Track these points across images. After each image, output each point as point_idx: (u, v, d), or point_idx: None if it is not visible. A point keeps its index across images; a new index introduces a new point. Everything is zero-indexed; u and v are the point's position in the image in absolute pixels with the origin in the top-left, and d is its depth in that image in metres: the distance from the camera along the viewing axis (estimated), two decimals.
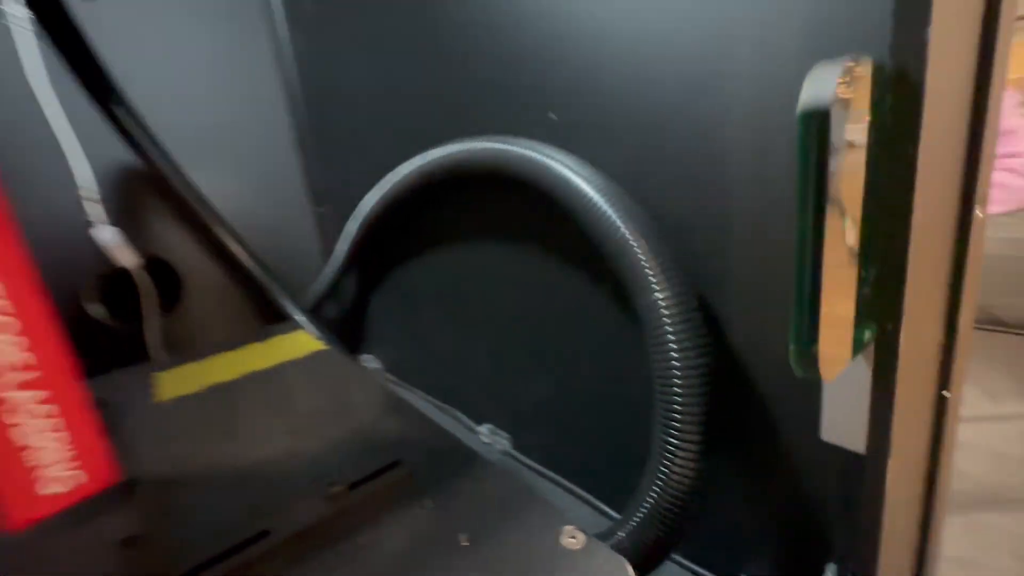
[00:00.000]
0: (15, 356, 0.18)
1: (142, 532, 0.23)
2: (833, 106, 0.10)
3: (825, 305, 0.11)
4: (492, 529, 0.21)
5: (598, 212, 0.28)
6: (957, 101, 0.14)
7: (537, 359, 0.44)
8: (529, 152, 0.33)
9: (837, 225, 0.11)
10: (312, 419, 0.33)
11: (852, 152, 0.11)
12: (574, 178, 0.30)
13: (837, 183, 0.11)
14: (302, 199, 0.74)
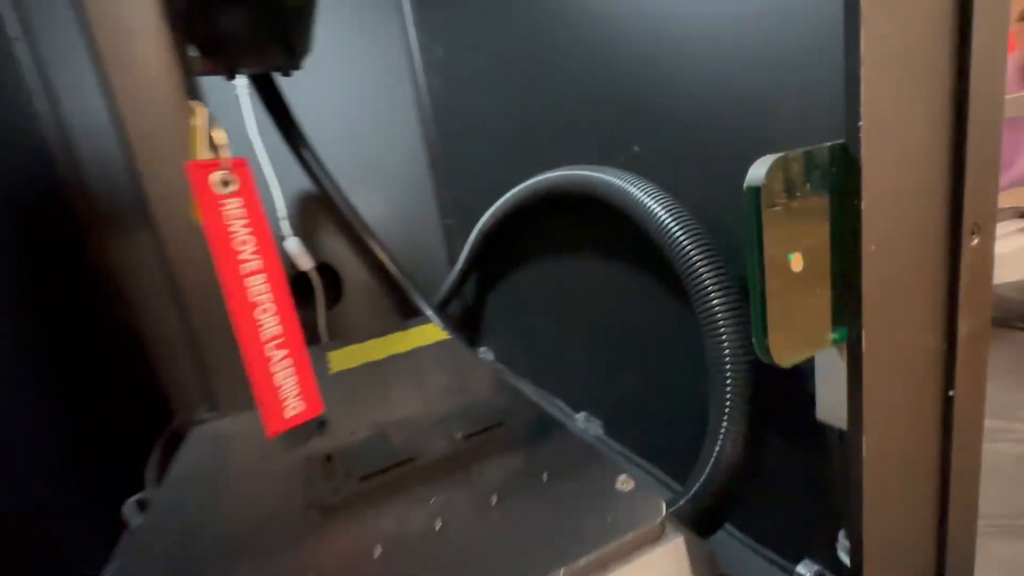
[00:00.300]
0: (275, 328, 0.29)
1: (334, 451, 0.34)
2: (762, 185, 0.16)
3: (772, 313, 0.17)
4: (565, 472, 0.28)
5: (669, 234, 0.33)
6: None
7: (623, 355, 0.50)
8: (612, 178, 0.39)
9: (779, 260, 0.17)
10: (438, 390, 0.43)
11: (802, 205, 0.17)
12: (649, 201, 0.36)
13: (774, 232, 0.16)
14: (433, 214, 0.87)
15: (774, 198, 0.16)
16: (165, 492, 0.35)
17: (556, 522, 0.25)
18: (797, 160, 0.16)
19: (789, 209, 0.16)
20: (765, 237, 0.16)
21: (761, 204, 0.16)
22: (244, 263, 0.28)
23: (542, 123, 0.53)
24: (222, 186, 0.27)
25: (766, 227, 0.16)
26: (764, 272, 0.16)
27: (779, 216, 0.16)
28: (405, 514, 0.27)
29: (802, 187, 0.17)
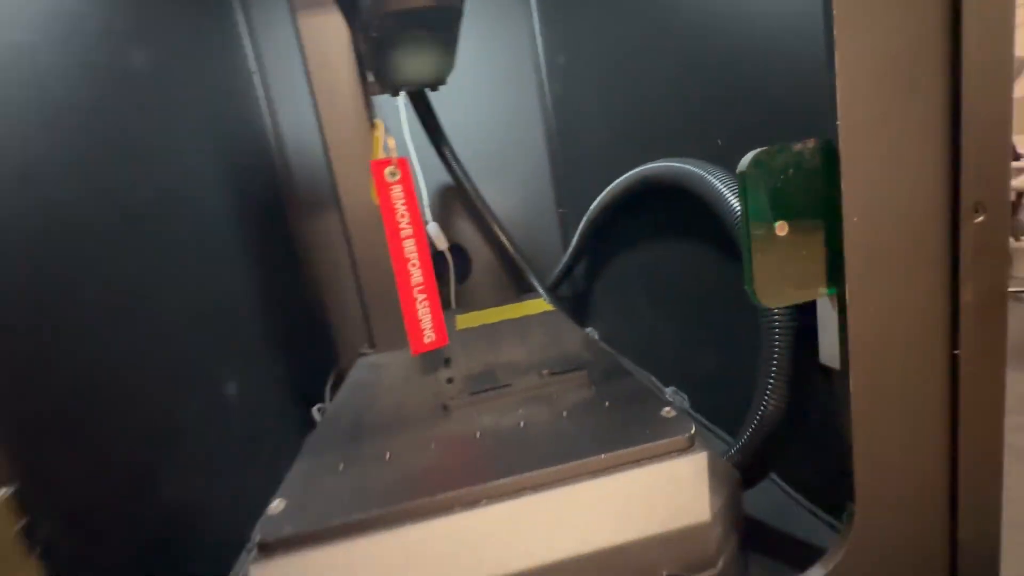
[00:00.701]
0: (419, 278, 0.41)
1: (454, 377, 0.45)
2: (744, 172, 0.22)
3: (756, 266, 0.23)
4: (624, 403, 0.36)
5: (734, 215, 0.38)
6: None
7: (708, 334, 0.55)
8: (696, 169, 0.45)
9: (763, 226, 0.22)
10: (537, 344, 0.53)
11: (790, 185, 0.22)
12: (724, 191, 0.41)
13: (758, 205, 0.22)
14: (550, 204, 0.97)
15: (758, 180, 0.22)
16: (340, 396, 0.50)
17: (607, 430, 0.33)
18: (783, 151, 0.22)
19: (774, 189, 0.22)
20: (749, 209, 0.22)
21: (746, 185, 0.22)
22: (402, 231, 0.40)
23: (643, 121, 0.59)
24: (391, 176, 0.39)
25: (750, 202, 0.22)
26: (749, 235, 0.22)
27: (763, 193, 0.22)
28: (499, 417, 0.37)
29: (789, 172, 0.22)
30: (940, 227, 0.24)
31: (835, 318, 0.25)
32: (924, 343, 0.25)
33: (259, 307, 0.68)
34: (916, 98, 0.23)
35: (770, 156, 0.22)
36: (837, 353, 0.25)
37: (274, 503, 0.31)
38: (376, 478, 0.32)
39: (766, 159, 0.22)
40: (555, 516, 0.28)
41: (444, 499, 0.28)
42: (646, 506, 0.28)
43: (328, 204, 0.89)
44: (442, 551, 0.27)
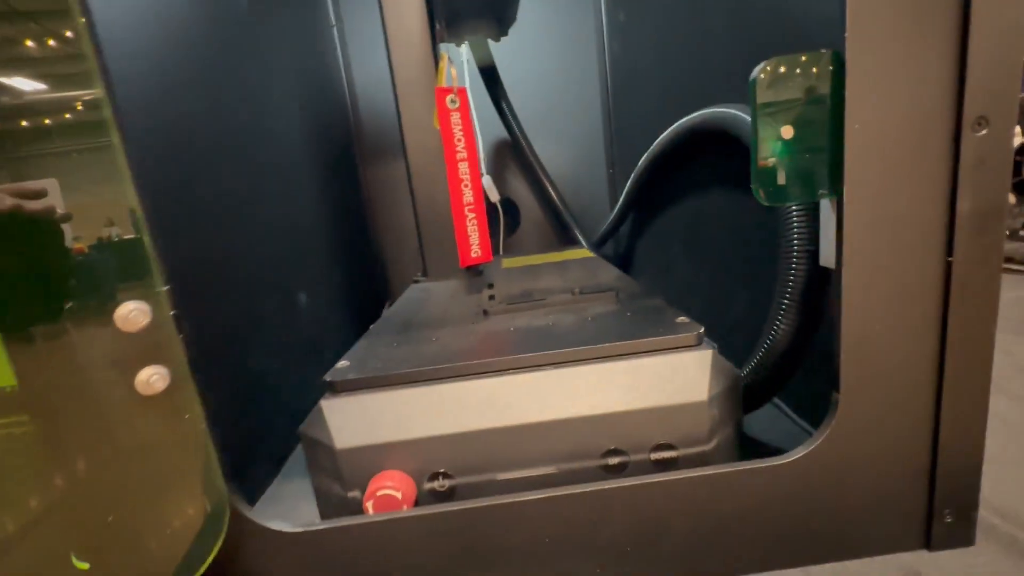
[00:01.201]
0: (470, 198, 0.46)
1: (495, 294, 0.51)
2: (756, 78, 0.25)
3: (761, 164, 0.26)
4: (645, 314, 0.40)
5: None
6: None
7: (744, 285, 0.57)
8: (741, 113, 0.47)
9: (770, 129, 0.25)
10: (575, 277, 0.57)
11: (798, 91, 0.25)
12: None
13: (767, 109, 0.25)
14: (601, 163, 0.99)
15: (768, 85, 0.25)
16: (394, 306, 0.56)
17: (626, 330, 0.37)
18: (795, 61, 0.25)
19: (783, 94, 0.25)
20: (757, 113, 0.25)
21: (756, 88, 0.25)
22: (458, 154, 0.45)
23: (697, 77, 0.61)
24: (451, 104, 0.44)
25: (759, 106, 0.25)
26: (756, 137, 0.25)
27: (771, 97, 0.25)
28: (532, 320, 0.42)
29: (799, 79, 0.25)
30: (941, 139, 0.26)
31: (834, 220, 0.28)
32: (918, 248, 0.28)
33: (329, 235, 0.75)
34: (925, 9, 0.25)
35: (781, 63, 0.25)
36: (833, 254, 0.28)
37: (341, 363, 0.37)
38: (423, 351, 0.38)
39: (776, 66, 0.25)
40: (571, 385, 0.33)
41: (478, 364, 0.34)
42: (651, 386, 0.32)
43: (391, 152, 0.96)
44: (475, 404, 0.32)
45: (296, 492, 0.49)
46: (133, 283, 0.23)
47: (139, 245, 0.23)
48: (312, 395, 0.63)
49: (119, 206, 0.23)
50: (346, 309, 0.78)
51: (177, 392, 0.24)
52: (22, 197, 0.22)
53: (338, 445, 0.32)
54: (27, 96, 0.23)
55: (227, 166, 0.50)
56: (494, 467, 0.32)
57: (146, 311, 0.23)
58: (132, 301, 0.22)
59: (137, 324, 0.22)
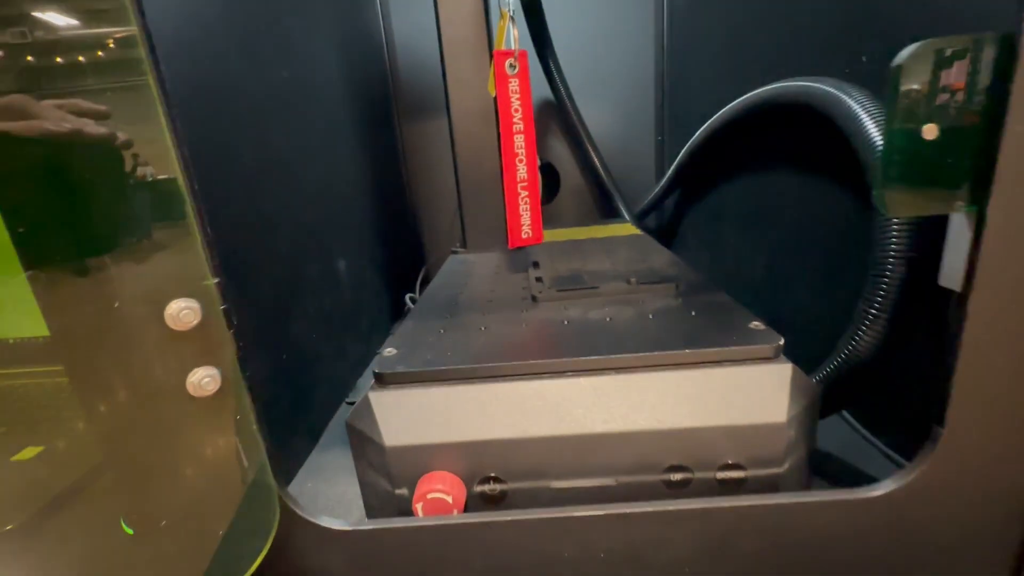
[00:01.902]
0: (524, 175, 0.43)
1: (542, 275, 0.48)
2: (904, 63, 0.20)
3: (893, 166, 0.22)
4: (712, 313, 0.37)
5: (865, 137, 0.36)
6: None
7: (805, 269, 0.53)
8: (832, 89, 0.42)
9: (909, 126, 0.21)
10: (625, 259, 0.53)
11: (951, 83, 0.21)
12: (862, 115, 0.38)
13: (907, 102, 0.21)
14: (649, 130, 0.93)
15: (914, 74, 0.21)
16: (436, 282, 0.54)
17: (694, 333, 0.34)
18: (949, 45, 0.20)
19: (931, 85, 0.21)
20: (898, 106, 0.21)
21: (900, 77, 0.21)
22: (515, 125, 0.41)
23: (770, 40, 0.54)
24: (510, 69, 0.40)
25: (900, 98, 0.21)
26: (892, 134, 0.21)
27: (917, 89, 0.21)
28: (586, 312, 0.40)
29: (954, 68, 0.21)
30: None
31: (967, 238, 0.24)
32: None
33: (365, 196, 0.73)
34: None
35: (932, 47, 0.21)
36: (961, 275, 0.24)
37: (387, 349, 0.35)
38: (474, 342, 0.36)
39: (926, 50, 0.21)
40: (637, 394, 0.30)
41: (536, 364, 0.32)
42: (724, 402, 0.30)
43: (431, 111, 0.91)
44: (533, 407, 0.31)
45: (335, 464, 0.49)
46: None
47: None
48: (349, 364, 0.62)
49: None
50: (383, 275, 0.77)
51: (228, 393, 0.23)
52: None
53: (387, 442, 0.30)
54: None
55: (269, 126, 0.47)
56: (549, 475, 0.31)
57: (196, 310, 0.21)
58: (182, 299, 0.21)
59: (188, 323, 0.21)
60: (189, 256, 0.21)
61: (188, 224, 0.21)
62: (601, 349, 0.32)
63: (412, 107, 0.91)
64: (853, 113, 0.39)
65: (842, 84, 0.41)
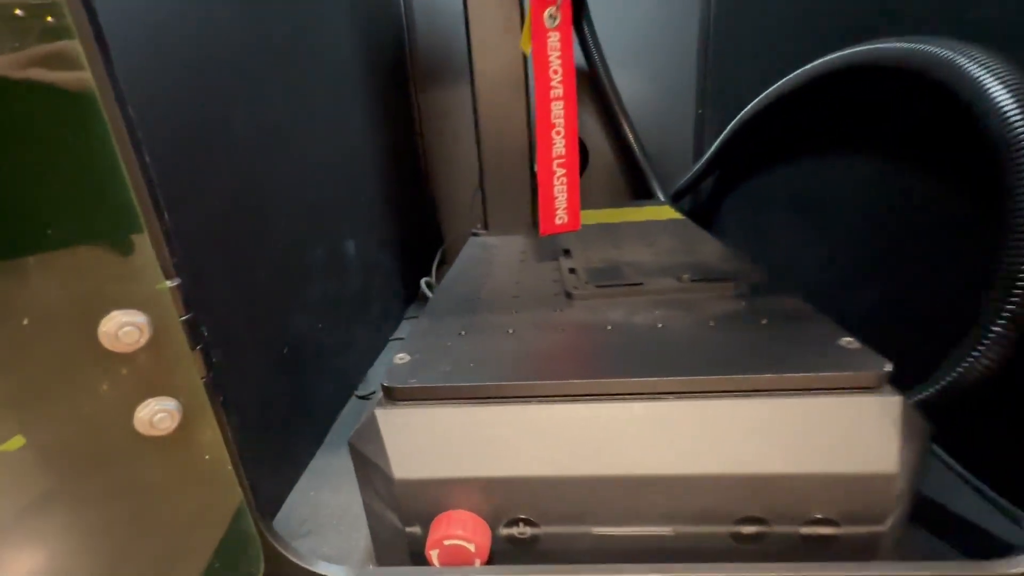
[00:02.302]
0: (561, 149, 0.36)
1: (576, 267, 0.42)
2: None
3: None
4: (786, 322, 0.31)
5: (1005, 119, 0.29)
6: None
7: (872, 262, 0.46)
8: (941, 49, 0.34)
9: None
10: (668, 249, 0.47)
11: None
12: (986, 77, 0.31)
13: None
14: (689, 103, 0.84)
15: None
16: (454, 269, 0.48)
17: (769, 348, 0.28)
18: None
19: None
20: None
21: None
22: (552, 89, 0.35)
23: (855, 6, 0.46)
24: (550, 21, 0.33)
25: None
26: None
27: None
28: (631, 314, 0.34)
29: None
30: None
31: None
32: None
33: (377, 171, 0.67)
34: None
35: None
36: None
37: (399, 356, 0.30)
38: (501, 350, 0.30)
39: None
40: (703, 428, 0.25)
41: (579, 384, 0.26)
42: (815, 440, 0.24)
43: (450, 76, 0.84)
44: (575, 438, 0.25)
45: (341, 467, 0.44)
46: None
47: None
48: (359, 354, 0.57)
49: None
50: (395, 256, 0.71)
51: (193, 429, 0.17)
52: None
53: (396, 474, 0.25)
54: None
55: (264, 88, 0.41)
56: (590, 519, 0.25)
57: (142, 325, 0.15)
58: (119, 311, 0.15)
59: (131, 343, 0.15)
60: (134, 251, 0.16)
61: (127, 205, 0.15)
62: (657, 366, 0.27)
63: (430, 73, 0.84)
64: (972, 77, 0.31)
65: (952, 42, 0.34)
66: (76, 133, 0.14)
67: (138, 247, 0.16)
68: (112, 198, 0.15)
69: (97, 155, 0.15)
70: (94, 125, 0.15)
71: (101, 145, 0.15)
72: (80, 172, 0.15)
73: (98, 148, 0.15)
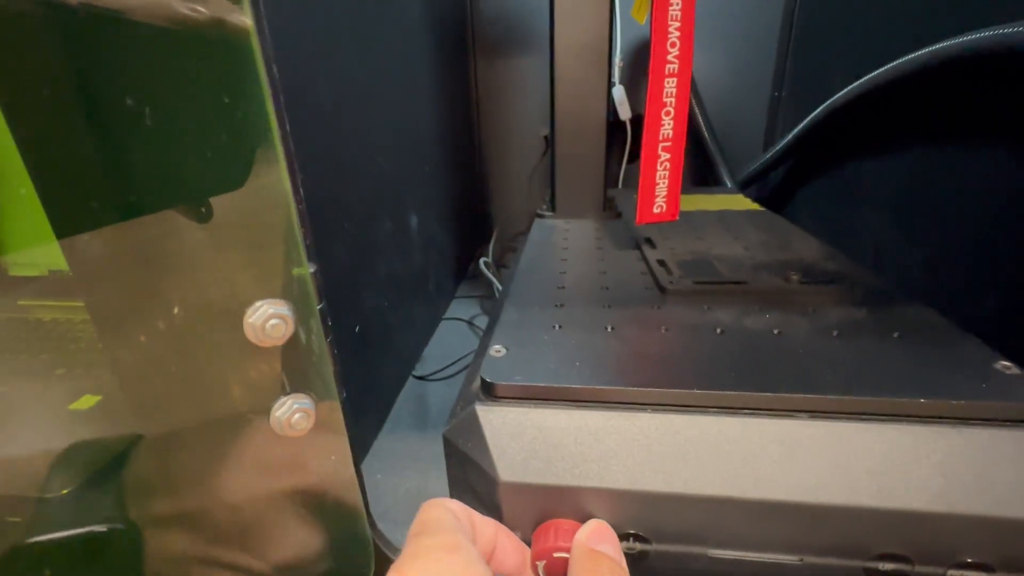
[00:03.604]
0: (669, 132, 0.33)
1: (665, 259, 0.39)
2: None
3: None
4: (922, 338, 0.28)
5: None
6: None
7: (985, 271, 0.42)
8: None
9: None
10: (758, 243, 0.44)
11: None
12: None
13: None
14: (765, 83, 0.79)
15: None
16: (528, 253, 0.46)
17: (915, 368, 0.25)
18: None
19: None
20: None
21: None
22: (668, 64, 0.32)
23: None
24: None
25: None
26: None
27: None
28: (741, 315, 0.31)
29: None
30: None
31: None
32: None
33: (438, 143, 0.64)
34: None
35: None
36: None
37: (495, 347, 0.28)
38: (605, 348, 0.28)
39: None
40: (844, 451, 0.22)
41: (700, 396, 0.24)
42: (971, 476, 0.21)
43: (511, 46, 0.80)
44: (698, 453, 0.23)
45: (404, 451, 0.44)
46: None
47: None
48: (416, 334, 0.55)
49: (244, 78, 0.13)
50: (449, 232, 0.69)
51: (324, 427, 0.16)
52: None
53: (503, 476, 0.24)
54: None
55: (344, 52, 0.39)
56: (707, 540, 0.23)
57: (288, 318, 0.14)
58: (266, 301, 0.13)
59: (277, 338, 0.14)
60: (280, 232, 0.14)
61: (280, 183, 0.14)
62: (786, 381, 0.24)
63: (490, 44, 0.80)
64: None
65: None
66: (234, 94, 0.13)
67: (283, 227, 0.14)
68: (264, 174, 0.13)
69: (252, 120, 0.13)
70: (249, 83, 0.13)
71: (257, 109, 0.13)
72: (235, 138, 0.13)
73: (254, 111, 0.13)
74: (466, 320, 0.66)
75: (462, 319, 0.67)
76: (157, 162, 0.13)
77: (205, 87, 0.12)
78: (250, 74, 0.13)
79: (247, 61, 0.13)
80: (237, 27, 0.13)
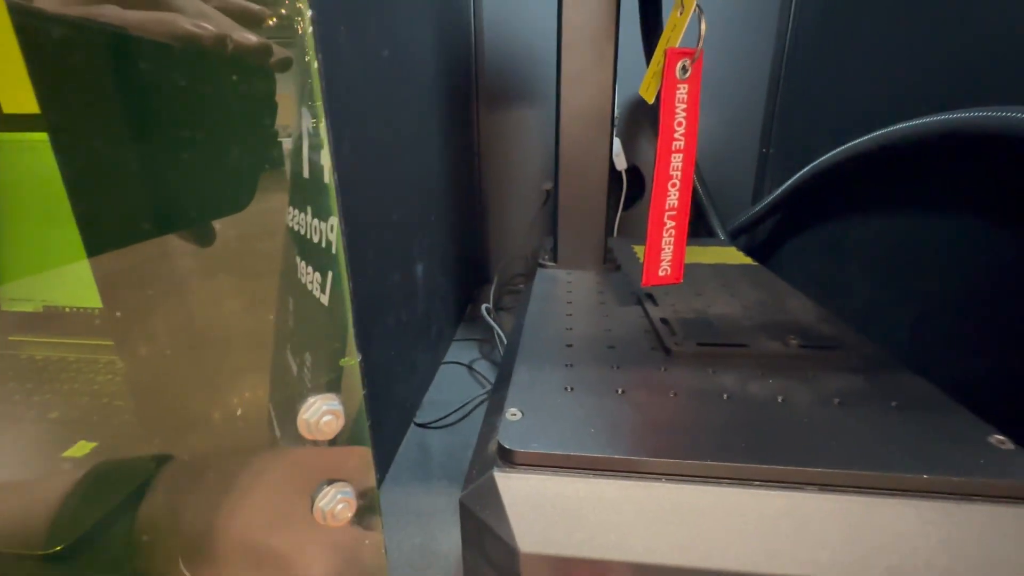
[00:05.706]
0: (674, 201, 0.35)
1: (667, 318, 0.40)
2: None
3: None
4: (918, 409, 0.29)
5: None
6: None
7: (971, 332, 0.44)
8: None
9: None
10: (754, 302, 0.45)
11: None
12: None
13: None
14: (753, 141, 0.83)
15: None
16: (533, 307, 0.47)
17: (915, 441, 0.26)
18: None
19: None
20: None
21: None
22: (675, 141, 0.34)
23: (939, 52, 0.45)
24: (682, 72, 0.32)
25: None
26: None
27: None
28: (745, 380, 0.32)
29: None
30: None
31: None
32: None
33: (444, 193, 0.66)
34: None
35: None
36: None
37: (511, 411, 0.29)
38: (619, 415, 0.29)
39: None
40: (850, 528, 0.23)
41: (719, 468, 0.25)
42: (975, 556, 0.22)
43: (514, 100, 0.83)
44: (710, 524, 0.24)
45: (407, 505, 0.43)
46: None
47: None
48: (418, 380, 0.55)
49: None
50: (451, 279, 0.70)
51: (361, 515, 0.16)
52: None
53: (523, 547, 0.24)
54: None
55: (366, 109, 0.40)
56: None
57: (340, 413, 0.14)
58: (319, 396, 0.14)
59: (328, 432, 0.14)
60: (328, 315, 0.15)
61: (335, 255, 0.14)
62: (796, 453, 0.25)
63: (494, 98, 0.84)
64: None
65: None
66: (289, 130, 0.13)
67: (336, 308, 0.15)
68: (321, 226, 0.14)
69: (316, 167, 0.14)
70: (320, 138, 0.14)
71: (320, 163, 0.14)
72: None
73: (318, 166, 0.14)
74: (466, 364, 0.67)
75: (462, 363, 0.67)
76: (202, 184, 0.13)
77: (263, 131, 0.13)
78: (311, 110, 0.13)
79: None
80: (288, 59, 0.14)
